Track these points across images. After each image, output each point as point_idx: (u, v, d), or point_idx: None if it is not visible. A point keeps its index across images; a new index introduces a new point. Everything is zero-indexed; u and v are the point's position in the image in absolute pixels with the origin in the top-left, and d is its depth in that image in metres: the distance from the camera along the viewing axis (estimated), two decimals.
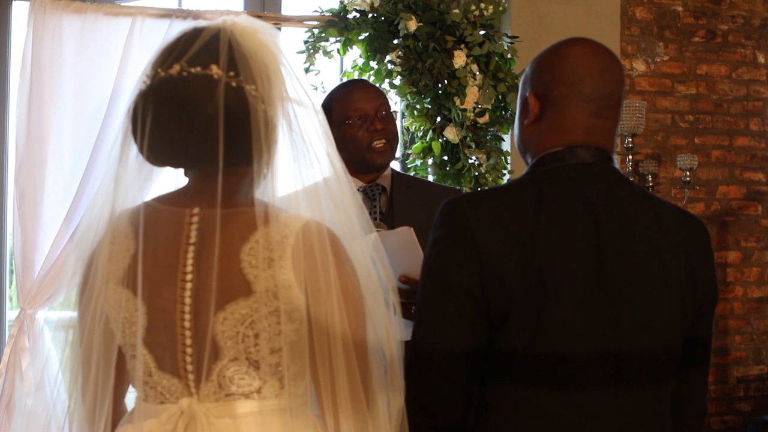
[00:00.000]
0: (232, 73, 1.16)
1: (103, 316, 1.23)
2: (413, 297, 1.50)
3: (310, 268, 1.18)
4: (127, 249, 1.21)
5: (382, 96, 2.09)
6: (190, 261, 1.19)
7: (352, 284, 1.20)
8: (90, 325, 1.23)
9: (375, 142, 2.01)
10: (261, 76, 1.18)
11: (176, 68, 1.16)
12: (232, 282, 1.17)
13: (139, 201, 1.24)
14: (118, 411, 1.30)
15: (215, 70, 1.15)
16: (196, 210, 1.20)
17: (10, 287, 3.10)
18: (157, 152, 1.19)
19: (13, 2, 3.08)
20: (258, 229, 1.17)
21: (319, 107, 1.29)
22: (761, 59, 3.86)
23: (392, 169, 2.14)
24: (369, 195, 2.07)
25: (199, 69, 1.16)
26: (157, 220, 1.21)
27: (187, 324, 1.18)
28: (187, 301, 1.18)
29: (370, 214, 2.04)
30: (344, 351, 1.18)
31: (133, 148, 1.20)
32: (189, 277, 1.18)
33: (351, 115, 2.03)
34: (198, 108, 1.14)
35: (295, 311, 1.18)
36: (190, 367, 1.19)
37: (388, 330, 1.27)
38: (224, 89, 1.14)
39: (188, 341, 1.19)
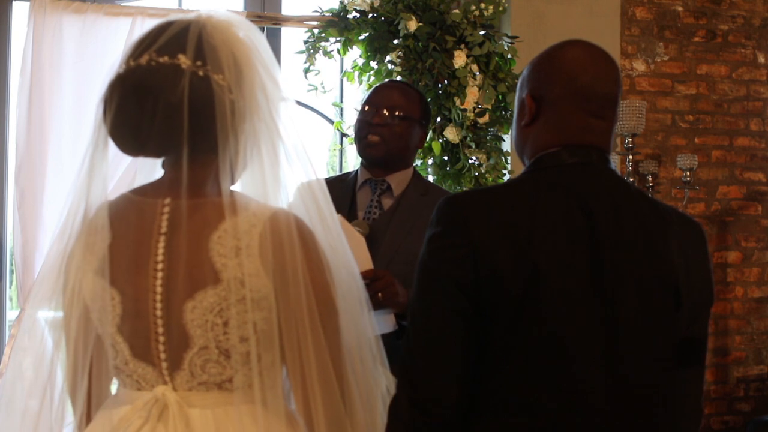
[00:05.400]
0: (199, 63, 1.17)
1: (81, 305, 1.25)
2: (370, 288, 1.55)
3: (278, 256, 1.19)
4: (104, 240, 1.23)
5: (401, 98, 2.10)
6: (161, 250, 1.20)
7: (320, 272, 1.22)
8: (70, 314, 1.26)
9: (368, 136, 2.06)
10: (229, 66, 1.19)
11: (145, 58, 1.17)
12: (201, 271, 1.18)
13: (111, 192, 1.26)
14: (103, 397, 1.32)
15: (183, 60, 1.16)
16: (167, 200, 1.22)
17: (10, 287, 3.10)
18: (124, 140, 1.20)
19: (13, 2, 3.08)
20: (226, 218, 1.19)
21: (293, 101, 1.31)
22: (761, 59, 3.86)
23: (415, 173, 2.16)
24: (372, 188, 2.10)
25: (166, 58, 1.17)
26: (131, 212, 1.24)
27: (158, 312, 1.20)
28: (158, 290, 1.20)
29: (368, 208, 2.08)
30: (313, 339, 1.19)
31: (107, 140, 1.22)
32: (160, 266, 1.20)
33: (363, 106, 2.12)
34: (161, 96, 1.15)
35: (263, 299, 1.19)
36: (163, 356, 1.21)
37: (362, 319, 1.30)
38: (189, 78, 1.15)
39: (160, 329, 1.20)
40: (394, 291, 1.79)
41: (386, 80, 2.65)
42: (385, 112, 2.06)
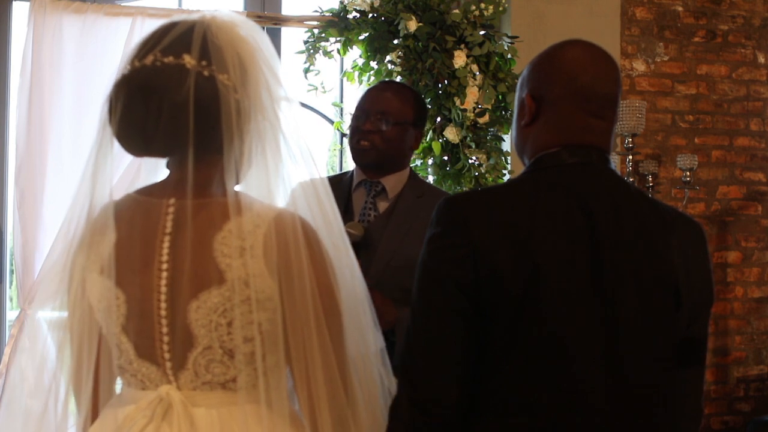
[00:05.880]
0: (204, 63, 1.17)
1: (86, 305, 1.26)
2: None
3: (283, 256, 1.19)
4: (109, 240, 1.23)
5: (392, 101, 2.07)
6: (165, 250, 1.20)
7: (324, 273, 1.22)
8: (74, 314, 1.26)
9: (360, 142, 2.05)
10: (234, 66, 1.19)
11: (150, 58, 1.17)
12: (205, 271, 1.18)
13: (116, 192, 1.26)
14: (107, 397, 1.32)
15: (188, 60, 1.16)
16: (172, 201, 1.22)
17: (10, 287, 3.10)
18: (130, 140, 1.20)
19: (13, 2, 3.08)
20: (231, 218, 1.19)
21: (296, 101, 1.31)
22: (761, 59, 3.86)
23: (411, 174, 2.14)
24: (367, 190, 2.10)
25: (171, 58, 1.17)
26: (136, 212, 1.24)
27: (163, 312, 1.20)
28: (163, 290, 1.20)
29: (363, 210, 2.07)
30: (319, 340, 1.19)
31: (112, 140, 1.22)
32: (165, 266, 1.20)
33: (356, 109, 2.11)
34: (166, 96, 1.15)
35: (267, 300, 1.19)
36: (167, 355, 1.21)
37: (365, 320, 1.30)
38: (195, 78, 1.15)
39: (165, 329, 1.21)
40: (376, 306, 1.77)
41: (378, 83, 2.61)
42: (375, 117, 2.04)
